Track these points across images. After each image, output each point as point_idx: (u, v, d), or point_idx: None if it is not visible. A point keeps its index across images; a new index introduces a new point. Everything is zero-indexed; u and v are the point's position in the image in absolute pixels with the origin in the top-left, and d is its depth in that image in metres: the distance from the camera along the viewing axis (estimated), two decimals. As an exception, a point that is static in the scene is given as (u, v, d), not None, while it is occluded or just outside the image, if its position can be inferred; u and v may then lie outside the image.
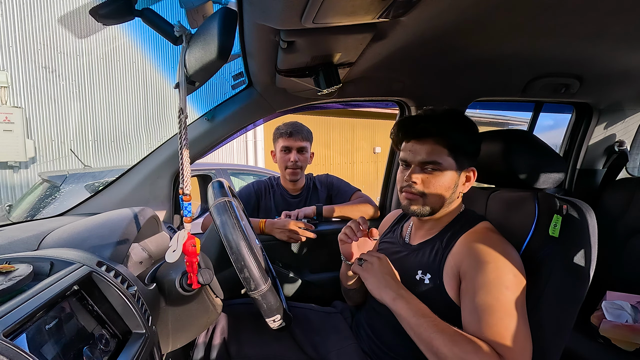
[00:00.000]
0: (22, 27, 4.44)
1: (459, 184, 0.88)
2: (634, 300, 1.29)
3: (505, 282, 0.73)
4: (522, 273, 0.77)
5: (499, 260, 0.76)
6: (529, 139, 1.01)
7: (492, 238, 0.81)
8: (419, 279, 0.86)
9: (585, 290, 0.80)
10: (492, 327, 0.71)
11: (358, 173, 8.13)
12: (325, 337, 1.00)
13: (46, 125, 4.72)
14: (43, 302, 0.49)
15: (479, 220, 0.88)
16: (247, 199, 1.56)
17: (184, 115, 0.69)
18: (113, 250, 0.72)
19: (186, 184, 0.70)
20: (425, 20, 0.74)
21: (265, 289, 0.72)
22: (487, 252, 0.77)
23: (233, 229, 0.71)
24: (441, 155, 0.85)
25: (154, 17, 0.78)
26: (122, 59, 5.13)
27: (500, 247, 0.78)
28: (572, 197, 0.87)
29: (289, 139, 1.52)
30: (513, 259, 0.77)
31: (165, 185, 1.20)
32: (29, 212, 2.56)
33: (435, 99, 1.37)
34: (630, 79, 1.29)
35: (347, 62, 0.93)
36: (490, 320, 0.71)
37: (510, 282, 0.74)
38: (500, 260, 0.76)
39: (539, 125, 1.72)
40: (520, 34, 0.87)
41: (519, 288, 0.74)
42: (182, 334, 0.79)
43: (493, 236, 0.82)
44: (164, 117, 5.49)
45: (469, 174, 0.90)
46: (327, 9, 0.58)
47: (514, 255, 0.78)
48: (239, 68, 1.14)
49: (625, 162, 1.67)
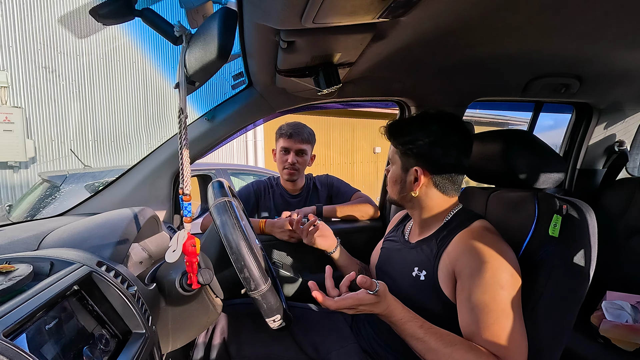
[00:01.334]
0: (22, 27, 4.44)
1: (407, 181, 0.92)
2: (634, 300, 1.29)
3: (501, 282, 0.74)
4: (518, 272, 0.77)
5: (494, 259, 0.76)
6: (529, 139, 1.01)
7: (487, 237, 0.81)
8: (415, 275, 0.87)
9: (585, 290, 0.80)
10: (488, 328, 0.72)
11: (358, 173, 8.13)
12: (325, 337, 1.00)
13: (46, 125, 4.72)
14: (43, 302, 0.49)
15: (475, 218, 0.88)
16: (247, 199, 1.56)
17: (184, 115, 0.69)
18: (113, 250, 0.72)
19: (186, 184, 0.70)
20: (425, 20, 0.74)
21: (265, 289, 0.72)
22: (482, 251, 0.77)
23: (233, 229, 0.71)
24: (394, 155, 0.95)
25: (154, 17, 0.78)
26: (122, 59, 5.13)
27: (496, 246, 0.78)
28: (572, 197, 0.87)
29: (288, 140, 1.51)
30: (508, 257, 0.77)
31: (165, 185, 1.20)
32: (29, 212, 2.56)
33: (435, 99, 1.37)
34: (630, 79, 1.29)
35: (347, 62, 0.93)
36: (486, 320, 0.72)
37: (506, 281, 0.74)
38: (495, 260, 0.76)
39: (539, 125, 1.72)
40: (520, 34, 0.87)
41: (514, 287, 0.74)
42: (182, 334, 0.80)
43: (488, 235, 0.82)
44: (164, 117, 5.49)
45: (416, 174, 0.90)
46: (327, 9, 0.58)
47: (509, 254, 0.78)
48: (239, 68, 1.14)
49: (625, 162, 1.67)
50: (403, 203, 0.97)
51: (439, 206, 0.92)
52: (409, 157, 0.91)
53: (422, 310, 0.84)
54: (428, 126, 0.90)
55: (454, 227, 0.87)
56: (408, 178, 0.91)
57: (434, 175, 0.89)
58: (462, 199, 0.95)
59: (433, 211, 0.92)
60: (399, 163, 0.94)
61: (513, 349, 0.70)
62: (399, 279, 0.93)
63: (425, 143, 0.88)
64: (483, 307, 0.73)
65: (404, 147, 0.91)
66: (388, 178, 0.99)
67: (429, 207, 0.92)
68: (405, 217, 1.11)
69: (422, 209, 0.93)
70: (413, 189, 0.90)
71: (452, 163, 0.89)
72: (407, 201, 0.95)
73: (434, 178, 0.90)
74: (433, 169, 0.89)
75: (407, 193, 0.93)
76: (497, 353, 0.70)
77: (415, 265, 0.89)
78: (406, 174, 0.92)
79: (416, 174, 0.89)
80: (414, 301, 0.86)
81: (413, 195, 0.91)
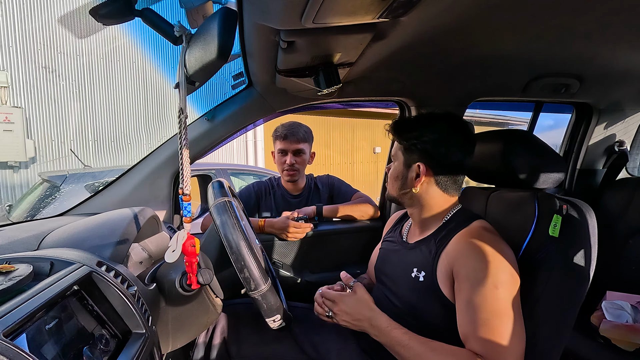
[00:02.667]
0: (22, 27, 4.44)
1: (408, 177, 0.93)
2: (634, 300, 1.29)
3: (497, 282, 0.74)
4: (517, 273, 0.77)
5: (491, 259, 0.76)
6: (529, 139, 1.01)
7: (486, 237, 0.81)
8: (414, 276, 0.87)
9: (585, 290, 0.80)
10: (481, 327, 0.72)
11: (358, 173, 8.13)
12: (325, 337, 1.00)
13: (46, 125, 4.72)
14: (43, 302, 0.49)
15: (474, 219, 0.88)
16: (247, 200, 1.56)
17: (184, 115, 0.69)
18: (113, 250, 0.72)
19: (186, 184, 0.70)
20: (425, 20, 0.74)
21: (265, 289, 0.72)
22: (480, 251, 0.77)
23: (233, 229, 0.71)
24: (397, 152, 0.96)
25: (154, 17, 0.78)
26: (122, 59, 5.13)
27: (495, 246, 0.78)
28: (572, 197, 0.87)
29: (284, 141, 1.51)
30: (507, 257, 0.77)
31: (165, 185, 1.20)
32: (29, 212, 2.56)
33: (435, 99, 1.37)
34: (630, 79, 1.29)
35: (347, 62, 0.93)
36: (479, 320, 0.72)
37: (503, 281, 0.74)
38: (494, 260, 0.76)
39: (539, 125, 1.72)
40: (520, 34, 0.87)
41: (512, 288, 0.74)
42: (182, 334, 0.79)
43: (487, 235, 0.82)
44: (164, 117, 5.49)
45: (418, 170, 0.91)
46: (327, 9, 0.58)
47: (508, 254, 0.78)
48: (239, 68, 1.14)
49: (625, 162, 1.67)
50: (403, 200, 0.96)
51: (439, 205, 0.92)
52: (412, 153, 0.91)
53: (422, 311, 0.84)
54: (434, 124, 0.91)
55: (453, 227, 0.87)
56: (410, 174, 0.91)
57: (436, 174, 0.90)
58: (462, 199, 0.95)
59: (433, 210, 0.92)
60: (401, 159, 0.94)
61: (504, 350, 0.70)
62: (398, 280, 0.93)
63: (430, 140, 0.88)
64: (478, 306, 0.73)
65: (409, 143, 0.91)
66: (389, 175, 0.99)
67: (429, 205, 0.92)
68: (402, 217, 1.11)
69: (422, 208, 0.93)
70: (414, 185, 0.90)
71: (454, 162, 0.89)
72: (407, 198, 0.95)
73: (435, 176, 0.90)
74: (435, 166, 0.89)
75: (408, 190, 0.93)
76: (486, 354, 0.70)
77: (414, 266, 0.88)
78: (408, 170, 0.92)
79: (418, 170, 0.89)
80: (413, 302, 0.86)
81: (414, 192, 0.91)
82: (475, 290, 0.74)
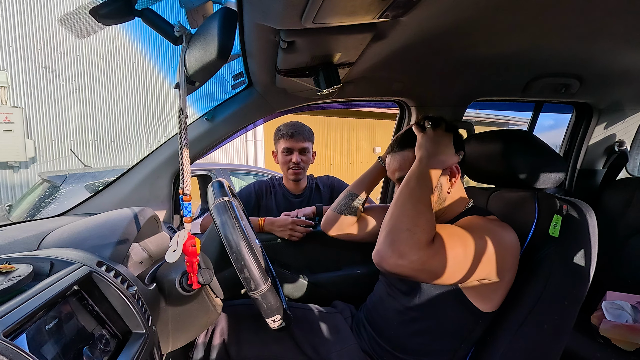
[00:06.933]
0: (22, 27, 4.43)
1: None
2: (634, 300, 1.29)
3: (481, 240, 0.74)
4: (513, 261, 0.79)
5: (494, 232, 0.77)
6: (529, 139, 1.01)
7: (494, 221, 0.82)
8: None
9: (585, 290, 0.80)
10: (442, 229, 0.73)
11: (358, 173, 8.02)
12: (325, 337, 1.00)
13: (46, 125, 4.71)
14: (43, 302, 0.49)
15: (490, 214, 0.89)
16: (247, 199, 1.55)
17: (184, 115, 0.69)
18: (113, 250, 0.72)
19: (186, 184, 0.70)
20: (425, 20, 0.74)
21: (265, 289, 0.72)
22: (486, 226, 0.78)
23: (233, 229, 0.71)
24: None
25: (154, 17, 0.78)
26: (122, 59, 5.13)
27: (500, 227, 0.79)
28: (572, 197, 0.87)
29: (290, 140, 1.51)
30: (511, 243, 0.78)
31: (165, 185, 1.20)
32: (29, 212, 2.55)
33: (435, 99, 1.37)
34: (630, 79, 1.29)
35: (347, 62, 0.93)
36: (446, 232, 0.73)
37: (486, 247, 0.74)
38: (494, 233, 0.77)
39: (539, 125, 1.72)
40: (520, 34, 0.87)
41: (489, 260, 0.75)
42: (182, 334, 0.79)
43: (495, 221, 0.82)
44: (164, 117, 5.49)
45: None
46: (327, 9, 0.58)
47: (513, 241, 0.79)
48: (239, 68, 1.14)
49: (625, 162, 1.67)
50: (437, 216, 0.91)
51: (458, 206, 0.92)
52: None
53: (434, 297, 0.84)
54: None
55: (467, 213, 0.88)
56: (442, 178, 0.89)
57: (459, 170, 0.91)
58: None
59: (454, 213, 0.91)
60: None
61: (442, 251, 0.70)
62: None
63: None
64: (450, 234, 0.74)
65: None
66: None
67: (450, 208, 0.91)
68: None
69: (444, 213, 0.92)
70: (449, 187, 0.90)
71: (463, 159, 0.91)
72: (441, 213, 0.92)
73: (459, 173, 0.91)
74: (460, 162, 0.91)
75: (443, 199, 0.91)
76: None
77: None
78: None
79: (452, 168, 0.89)
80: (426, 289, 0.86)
81: (447, 195, 0.90)
82: (460, 231, 0.75)
